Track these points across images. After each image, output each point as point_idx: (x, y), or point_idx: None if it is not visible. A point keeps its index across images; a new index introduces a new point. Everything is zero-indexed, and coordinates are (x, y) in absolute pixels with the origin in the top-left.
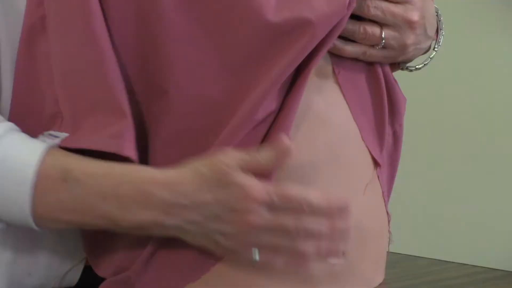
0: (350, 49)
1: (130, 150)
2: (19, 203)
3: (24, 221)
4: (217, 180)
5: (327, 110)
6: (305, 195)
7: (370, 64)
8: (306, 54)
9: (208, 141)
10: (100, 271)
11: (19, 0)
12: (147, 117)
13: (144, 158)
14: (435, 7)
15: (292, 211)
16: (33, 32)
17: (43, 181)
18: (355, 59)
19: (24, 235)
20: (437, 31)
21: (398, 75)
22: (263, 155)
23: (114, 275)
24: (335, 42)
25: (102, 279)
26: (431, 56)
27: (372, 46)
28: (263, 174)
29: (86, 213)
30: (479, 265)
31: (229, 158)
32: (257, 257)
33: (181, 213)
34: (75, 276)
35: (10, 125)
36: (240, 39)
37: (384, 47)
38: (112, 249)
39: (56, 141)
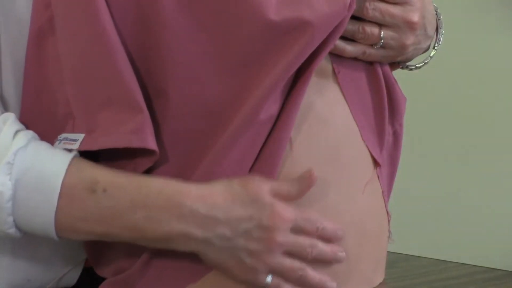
0: (350, 49)
1: (153, 143)
2: (43, 213)
3: (45, 231)
4: (251, 198)
5: (327, 109)
6: (319, 218)
7: (370, 64)
8: (307, 54)
9: (209, 142)
10: (101, 271)
11: (19, 7)
12: None
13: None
14: (434, 5)
15: (308, 234)
16: (41, 34)
17: (70, 192)
18: (355, 59)
19: (23, 241)
20: (436, 30)
21: (398, 75)
22: (291, 186)
23: (115, 275)
24: (334, 44)
25: (102, 280)
26: (431, 55)
27: (371, 45)
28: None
29: (111, 223)
30: (479, 265)
31: (261, 181)
32: (269, 279)
33: (213, 226)
34: (73, 277)
35: (32, 133)
36: (240, 39)
37: (383, 47)
38: (112, 249)
39: (76, 145)
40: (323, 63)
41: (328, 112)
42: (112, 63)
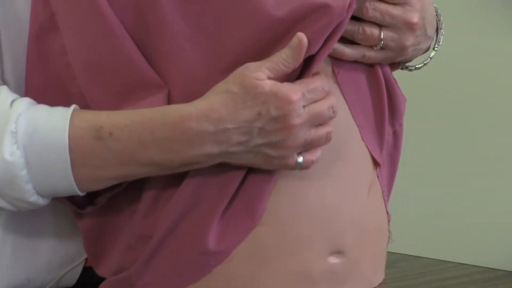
0: (349, 52)
1: None
2: (60, 171)
3: (67, 189)
4: (251, 95)
5: None
6: (321, 81)
7: (370, 64)
8: (312, 48)
9: None
10: (100, 271)
11: (19, 6)
12: None
13: None
14: (434, 6)
15: (317, 99)
16: (43, 32)
17: (79, 143)
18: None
19: (23, 241)
20: (436, 31)
21: (398, 75)
22: (283, 56)
23: (115, 275)
24: (334, 45)
25: (102, 280)
26: (431, 56)
27: (371, 47)
28: (287, 74)
29: (128, 164)
30: (479, 265)
31: (254, 70)
32: (300, 159)
33: (226, 138)
34: (73, 277)
35: (28, 99)
36: (240, 38)
37: (382, 48)
38: (112, 249)
39: (75, 105)
40: (323, 63)
41: None
42: (123, 50)
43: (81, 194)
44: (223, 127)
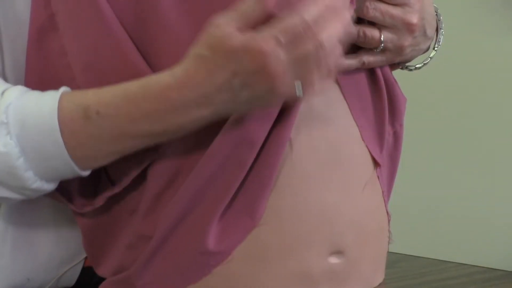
0: (348, 62)
1: None
2: (56, 153)
3: (68, 171)
4: (221, 55)
5: (327, 109)
6: (302, 14)
7: None
8: None
9: (207, 142)
10: (100, 271)
11: (19, 6)
12: None
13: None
14: (434, 6)
15: (301, 38)
16: (43, 32)
17: (68, 125)
18: None
19: (23, 240)
20: (436, 31)
21: (398, 75)
22: (251, 5)
23: (114, 274)
24: None
25: (102, 280)
26: (431, 56)
27: (370, 49)
28: (257, 22)
29: (121, 139)
30: (479, 265)
31: (222, 27)
32: (299, 92)
33: (209, 101)
34: (72, 277)
35: (20, 87)
36: None
37: (381, 51)
38: (112, 248)
39: (64, 87)
40: None
41: (327, 112)
42: (123, 51)
43: (83, 173)
44: (203, 92)
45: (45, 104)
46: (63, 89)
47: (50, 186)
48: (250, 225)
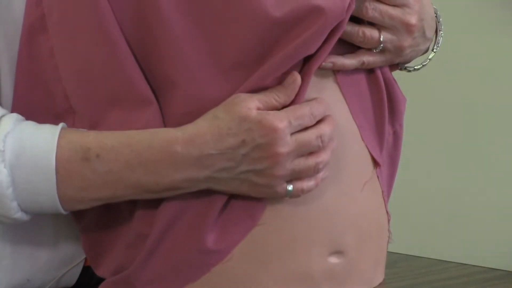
0: (348, 62)
1: None
2: (45, 191)
3: (51, 208)
4: (237, 122)
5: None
6: (310, 107)
7: None
8: (309, 48)
9: None
10: (100, 271)
11: (16, 6)
12: None
13: None
14: (434, 8)
15: (305, 127)
16: (33, 32)
17: (65, 165)
18: None
19: (23, 241)
20: (436, 32)
21: (398, 75)
22: (276, 91)
23: (114, 275)
24: (332, 60)
25: (102, 280)
26: (429, 57)
27: (369, 49)
28: (275, 109)
29: (114, 186)
30: (479, 265)
31: (244, 98)
32: (290, 187)
33: (210, 163)
34: (73, 277)
35: (16, 115)
36: (240, 39)
37: (381, 51)
38: (111, 249)
39: (62, 124)
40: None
41: (327, 112)
42: (118, 61)
43: (64, 213)
44: (208, 153)
45: (43, 140)
46: (62, 125)
47: (28, 218)
48: (250, 225)
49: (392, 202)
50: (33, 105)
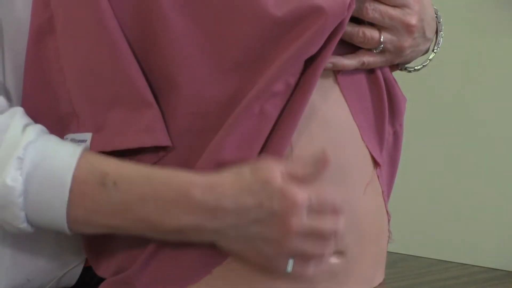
0: (348, 62)
1: (165, 139)
2: (55, 207)
3: (57, 225)
4: (259, 184)
5: (327, 109)
6: (335, 199)
7: None
8: (311, 48)
9: (208, 143)
10: (100, 271)
11: (18, 6)
12: None
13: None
14: (435, 8)
15: (323, 213)
16: (41, 33)
17: (81, 186)
18: None
19: (23, 241)
20: (436, 33)
21: (398, 75)
22: (306, 168)
23: (114, 275)
24: (332, 60)
25: (102, 280)
26: (430, 58)
27: (370, 50)
28: (297, 181)
29: (124, 217)
30: (479, 265)
31: (271, 164)
32: (290, 268)
33: (223, 216)
34: (73, 277)
35: (40, 127)
36: (241, 38)
37: (381, 51)
38: (112, 249)
39: (86, 144)
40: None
41: (328, 112)
42: (119, 62)
43: (68, 233)
44: (224, 205)
45: (63, 157)
46: (85, 146)
47: (31, 230)
48: None
49: (392, 202)
50: (39, 106)
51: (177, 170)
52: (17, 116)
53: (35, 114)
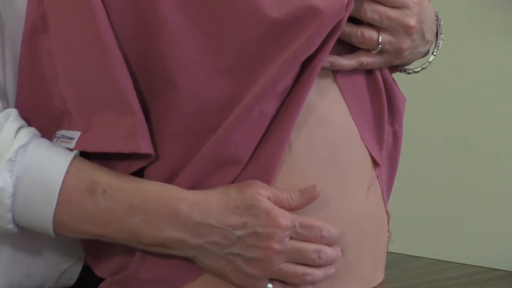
0: (347, 62)
1: (147, 147)
2: (42, 211)
3: (43, 228)
4: (245, 204)
5: (326, 109)
6: (324, 225)
7: None
8: (309, 49)
9: (205, 143)
10: (99, 271)
11: (18, 2)
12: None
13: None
14: (435, 11)
15: (309, 239)
16: (35, 31)
17: (70, 192)
18: None
19: (22, 237)
20: (436, 35)
21: (398, 76)
22: (292, 194)
23: (113, 275)
24: (330, 60)
25: (101, 280)
26: (429, 60)
27: (368, 50)
28: (285, 208)
29: (109, 225)
30: (479, 265)
31: (259, 186)
32: (270, 286)
33: (206, 234)
34: (73, 276)
35: (34, 131)
36: (239, 39)
37: (380, 52)
38: (110, 249)
39: (72, 144)
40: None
41: (327, 112)
42: (107, 66)
43: (53, 236)
44: (208, 222)
45: (54, 162)
46: (75, 152)
47: (17, 231)
48: None
49: (392, 202)
50: (33, 105)
51: (166, 185)
52: (11, 118)
53: (30, 111)
